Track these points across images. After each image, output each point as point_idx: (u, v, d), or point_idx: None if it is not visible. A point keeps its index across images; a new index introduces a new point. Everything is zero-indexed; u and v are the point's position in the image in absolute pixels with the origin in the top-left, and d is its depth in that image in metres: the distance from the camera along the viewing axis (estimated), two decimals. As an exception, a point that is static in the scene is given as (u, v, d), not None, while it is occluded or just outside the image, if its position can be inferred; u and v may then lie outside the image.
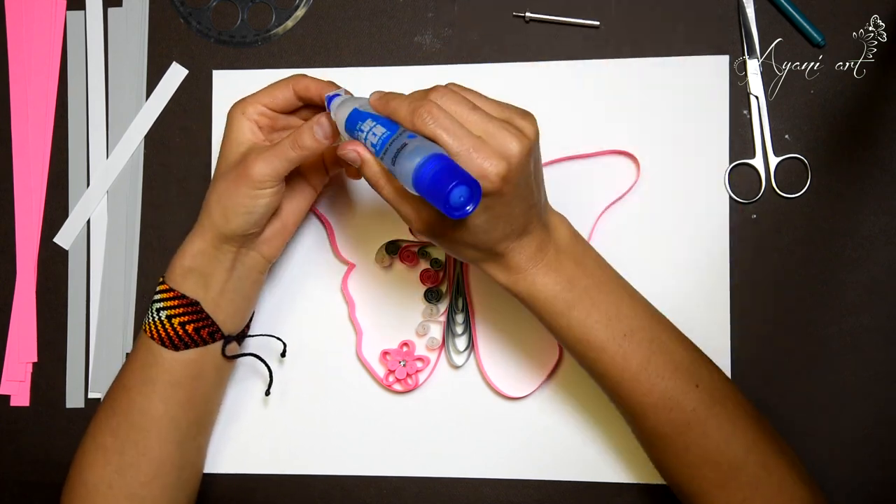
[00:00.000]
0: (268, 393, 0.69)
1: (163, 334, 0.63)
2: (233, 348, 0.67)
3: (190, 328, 0.63)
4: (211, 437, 0.71)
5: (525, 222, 0.57)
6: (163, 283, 0.64)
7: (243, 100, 0.64)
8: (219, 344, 0.65)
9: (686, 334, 0.63)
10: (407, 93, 0.56)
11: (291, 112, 0.65)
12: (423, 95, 0.55)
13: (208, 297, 0.64)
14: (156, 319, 0.64)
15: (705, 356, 0.62)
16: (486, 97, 0.58)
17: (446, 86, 0.56)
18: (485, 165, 0.53)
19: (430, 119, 0.53)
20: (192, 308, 0.64)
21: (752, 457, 0.59)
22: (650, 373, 0.59)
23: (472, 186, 0.51)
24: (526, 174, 0.55)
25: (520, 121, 0.56)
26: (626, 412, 0.62)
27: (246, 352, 0.69)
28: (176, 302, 0.63)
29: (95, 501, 0.64)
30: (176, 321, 0.63)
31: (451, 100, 0.55)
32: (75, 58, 0.76)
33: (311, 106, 0.64)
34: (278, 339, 0.70)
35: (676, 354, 0.60)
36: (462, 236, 0.57)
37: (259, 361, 0.70)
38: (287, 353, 0.71)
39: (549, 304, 0.59)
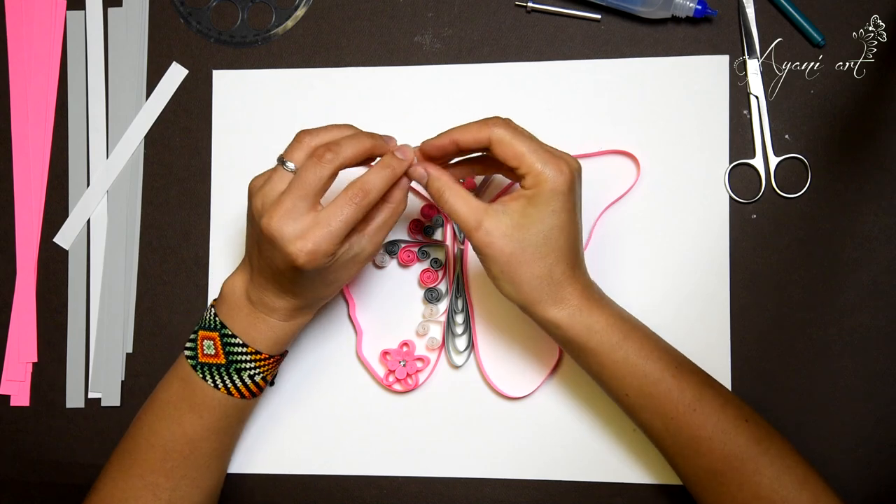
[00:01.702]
0: (272, 384, 0.70)
1: (254, 390, 0.64)
2: None
3: (269, 376, 0.65)
4: None
5: (576, 251, 0.60)
6: (257, 353, 0.63)
7: (315, 252, 0.57)
8: None
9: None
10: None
11: None
12: (482, 123, 0.60)
13: (285, 348, 0.66)
14: (249, 383, 0.64)
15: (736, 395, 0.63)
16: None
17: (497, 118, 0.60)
18: (562, 159, 0.58)
19: (501, 127, 0.59)
20: (274, 360, 0.65)
21: (805, 495, 0.58)
22: (704, 405, 0.60)
23: None
24: (577, 195, 0.60)
25: (563, 153, 0.60)
26: (678, 450, 0.61)
27: None
28: (273, 363, 0.65)
29: None
30: (259, 378, 0.64)
31: (509, 123, 0.59)
32: (75, 58, 0.76)
33: None
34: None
35: (722, 389, 0.61)
36: (523, 252, 0.59)
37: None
38: (287, 353, 0.71)
39: (606, 336, 0.60)
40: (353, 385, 0.72)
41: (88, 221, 0.75)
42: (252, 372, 0.63)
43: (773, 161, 0.70)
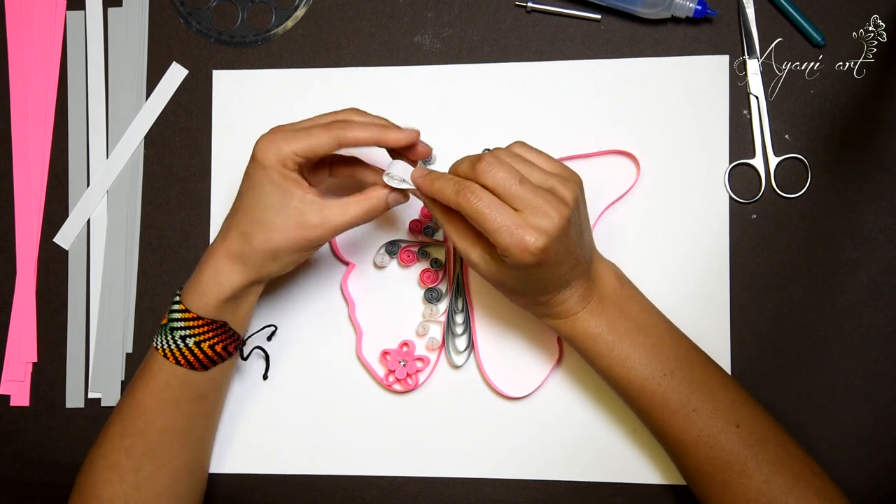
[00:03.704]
0: (265, 377, 0.70)
1: (191, 359, 0.63)
2: (244, 349, 0.68)
3: (219, 348, 0.64)
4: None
5: (567, 279, 0.61)
6: (186, 310, 0.63)
7: (277, 143, 0.60)
8: (238, 350, 0.67)
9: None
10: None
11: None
12: (470, 168, 0.59)
13: (236, 317, 0.65)
14: (181, 346, 0.63)
15: (750, 398, 0.63)
16: (533, 155, 0.61)
17: (493, 154, 0.59)
18: (526, 240, 0.56)
19: (475, 198, 0.57)
20: (221, 330, 0.64)
21: (793, 498, 0.59)
22: (689, 411, 0.61)
23: None
24: (566, 241, 0.58)
25: (561, 189, 0.59)
26: (668, 449, 0.64)
27: (252, 347, 0.70)
28: (206, 328, 0.63)
29: None
30: (205, 345, 0.63)
31: (499, 172, 0.58)
32: (75, 58, 0.76)
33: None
34: (270, 325, 0.71)
35: (717, 395, 0.62)
36: (510, 288, 0.62)
37: (260, 355, 0.71)
38: (287, 353, 0.72)
39: (590, 346, 0.63)
40: (353, 385, 0.72)
41: (88, 221, 0.75)
42: (182, 332, 0.63)
43: (773, 161, 0.70)
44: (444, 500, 0.71)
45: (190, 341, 0.63)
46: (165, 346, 0.63)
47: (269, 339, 0.71)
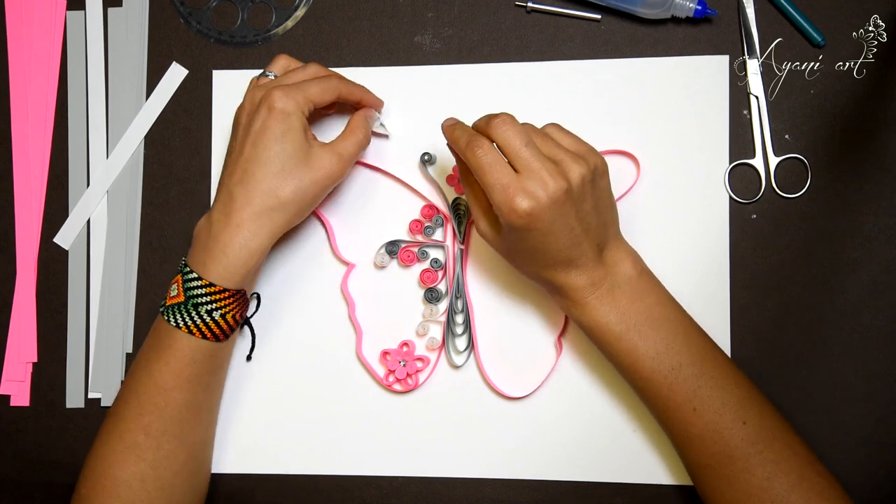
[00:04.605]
0: (249, 358, 0.71)
1: (217, 332, 0.64)
2: None
3: (238, 316, 0.65)
4: None
5: (569, 256, 0.61)
6: (211, 284, 0.63)
7: (294, 92, 0.63)
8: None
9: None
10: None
11: None
12: (486, 123, 0.60)
13: (252, 282, 0.67)
14: (207, 320, 0.63)
15: (761, 395, 0.63)
16: (557, 132, 0.63)
17: (510, 115, 0.60)
18: (515, 201, 0.58)
19: (481, 152, 0.59)
20: (242, 298, 0.65)
21: (794, 497, 0.59)
22: (695, 406, 0.61)
23: None
24: (563, 214, 0.59)
25: (569, 163, 0.59)
26: (673, 441, 0.65)
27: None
28: (232, 300, 0.64)
29: (124, 494, 0.63)
30: (229, 315, 0.64)
31: (508, 131, 0.59)
32: (75, 58, 0.76)
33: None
34: (255, 293, 0.70)
35: (725, 391, 0.62)
36: (512, 253, 0.63)
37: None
38: (287, 353, 0.72)
39: (599, 334, 0.63)
40: (353, 385, 0.72)
41: (88, 221, 0.75)
42: (209, 307, 0.63)
43: (773, 161, 0.70)
44: (444, 500, 0.71)
45: (216, 314, 0.63)
46: (190, 323, 0.63)
47: (254, 312, 0.71)
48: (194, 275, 0.63)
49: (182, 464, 0.65)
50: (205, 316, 0.63)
